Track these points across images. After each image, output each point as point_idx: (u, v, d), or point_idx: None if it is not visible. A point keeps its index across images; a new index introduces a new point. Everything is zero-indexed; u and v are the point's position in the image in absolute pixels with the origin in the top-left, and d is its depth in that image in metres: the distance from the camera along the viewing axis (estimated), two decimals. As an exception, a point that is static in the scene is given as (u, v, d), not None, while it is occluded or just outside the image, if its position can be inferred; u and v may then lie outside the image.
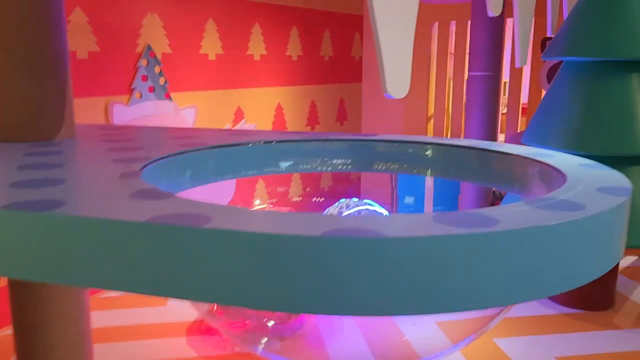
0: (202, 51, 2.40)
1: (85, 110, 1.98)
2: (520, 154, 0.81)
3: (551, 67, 2.80)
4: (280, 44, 2.82)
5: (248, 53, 2.63)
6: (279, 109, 2.88)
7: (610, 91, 1.81)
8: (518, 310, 1.96)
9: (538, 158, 0.80)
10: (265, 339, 1.60)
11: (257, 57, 2.69)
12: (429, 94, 3.31)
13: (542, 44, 2.81)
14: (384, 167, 0.90)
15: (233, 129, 1.67)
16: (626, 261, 2.50)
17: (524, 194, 0.78)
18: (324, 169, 0.91)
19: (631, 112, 1.79)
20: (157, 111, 2.22)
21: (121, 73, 2.08)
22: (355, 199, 2.16)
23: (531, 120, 1.95)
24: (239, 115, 2.64)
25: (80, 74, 1.94)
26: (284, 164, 0.90)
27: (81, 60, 1.94)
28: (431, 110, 3.34)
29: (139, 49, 2.13)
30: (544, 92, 2.90)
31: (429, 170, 0.91)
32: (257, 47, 2.68)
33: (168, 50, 2.24)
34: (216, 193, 2.49)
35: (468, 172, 0.89)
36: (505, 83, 3.09)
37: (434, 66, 3.27)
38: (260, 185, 2.81)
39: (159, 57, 2.21)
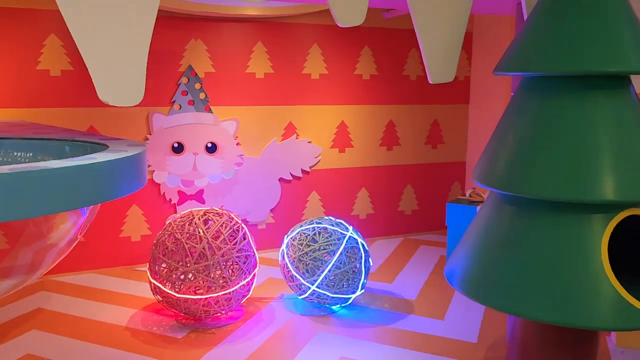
0: (248, 70, 2.68)
1: (130, 118, 2.49)
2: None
3: None
4: (347, 64, 2.88)
5: (304, 72, 2.79)
6: (342, 127, 2.94)
7: (565, 116, 1.40)
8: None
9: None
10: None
11: (315, 76, 2.82)
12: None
13: None
14: None
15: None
16: None
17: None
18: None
19: (592, 143, 1.36)
20: (196, 121, 2.60)
21: (163, 88, 2.53)
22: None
23: (482, 153, 1.61)
24: (290, 130, 2.82)
25: (125, 89, 2.47)
26: None
27: (127, 77, 2.46)
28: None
29: (181, 69, 2.55)
30: None
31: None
32: (315, 66, 2.81)
33: (211, 69, 2.60)
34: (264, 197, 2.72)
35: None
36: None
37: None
38: (313, 197, 2.91)
39: (201, 75, 2.58)
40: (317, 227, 2.05)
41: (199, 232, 1.90)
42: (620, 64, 1.33)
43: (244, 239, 1.99)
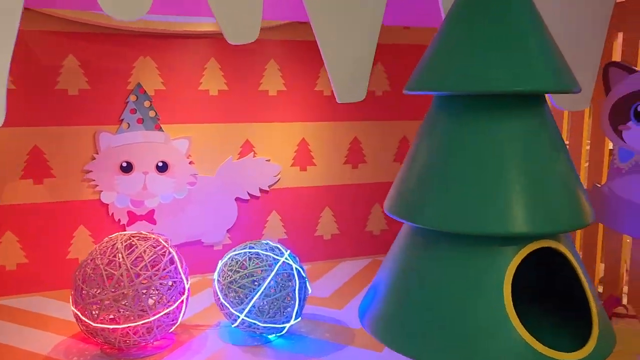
0: (201, 87, 2.61)
1: (76, 137, 2.44)
2: None
3: (615, 104, 2.00)
4: (307, 79, 2.79)
5: (261, 89, 2.71)
6: (303, 144, 2.84)
7: (473, 140, 1.28)
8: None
9: None
10: None
11: (272, 93, 2.74)
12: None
13: (605, 71, 2.02)
14: None
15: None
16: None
17: None
18: None
19: (500, 170, 1.24)
20: (145, 140, 2.54)
21: (111, 107, 2.47)
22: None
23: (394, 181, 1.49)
24: (247, 148, 2.73)
25: (70, 107, 2.41)
26: None
27: (72, 95, 2.41)
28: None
29: (130, 87, 2.49)
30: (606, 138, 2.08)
31: None
32: (272, 82, 2.73)
33: (162, 87, 2.54)
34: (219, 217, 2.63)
35: None
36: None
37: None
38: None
39: (151, 93, 2.52)
40: (250, 252, 1.96)
41: (119, 258, 1.81)
42: (530, 83, 1.21)
43: (171, 264, 1.90)
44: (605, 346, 1.19)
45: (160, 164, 2.56)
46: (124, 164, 2.51)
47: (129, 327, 1.78)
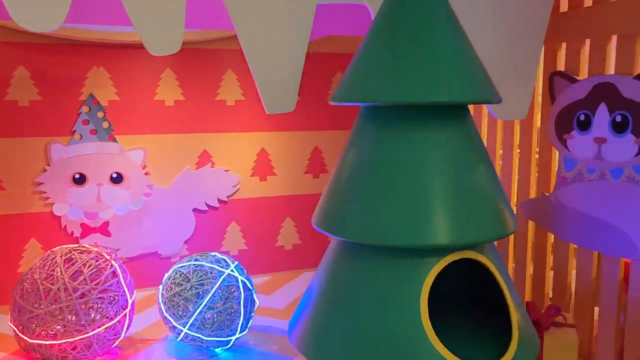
0: (157, 98, 2.59)
1: (26, 149, 2.40)
2: None
3: (560, 113, 2.01)
4: (265, 89, 2.78)
5: (218, 99, 2.70)
6: (262, 154, 2.83)
7: (395, 151, 1.28)
8: None
9: None
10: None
11: (230, 102, 2.72)
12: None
13: (550, 80, 2.04)
14: None
15: None
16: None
17: None
18: None
19: (422, 181, 1.24)
20: (99, 151, 2.51)
21: (62, 118, 2.45)
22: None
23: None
24: (204, 158, 2.71)
25: (20, 119, 2.38)
26: None
27: (22, 107, 2.38)
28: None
29: (82, 97, 2.47)
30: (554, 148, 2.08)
31: None
32: (230, 92, 2.71)
33: (115, 97, 2.52)
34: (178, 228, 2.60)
35: None
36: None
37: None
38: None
39: (105, 104, 2.49)
40: (194, 264, 1.93)
41: (57, 272, 1.78)
42: (446, 94, 1.21)
43: (114, 277, 1.87)
44: (524, 357, 1.18)
45: (114, 175, 2.53)
46: (77, 176, 2.48)
47: (66, 342, 1.75)
